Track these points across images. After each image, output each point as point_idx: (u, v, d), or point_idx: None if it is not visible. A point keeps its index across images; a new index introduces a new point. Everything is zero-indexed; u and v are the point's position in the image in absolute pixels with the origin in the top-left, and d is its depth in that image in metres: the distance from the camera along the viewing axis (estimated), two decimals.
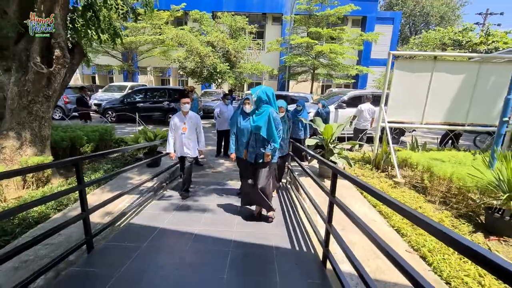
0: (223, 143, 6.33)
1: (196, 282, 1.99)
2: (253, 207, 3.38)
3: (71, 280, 1.99)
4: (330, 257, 2.16)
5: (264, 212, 3.32)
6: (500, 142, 3.96)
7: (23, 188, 3.79)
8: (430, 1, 32.09)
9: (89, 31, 5.69)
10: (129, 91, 13.16)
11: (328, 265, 2.26)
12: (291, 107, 6.18)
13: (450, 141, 7.28)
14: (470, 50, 18.48)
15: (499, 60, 5.47)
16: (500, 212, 3.12)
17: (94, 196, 3.60)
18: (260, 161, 3.03)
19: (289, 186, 4.78)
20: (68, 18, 4.96)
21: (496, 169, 3.13)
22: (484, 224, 3.29)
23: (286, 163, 4.77)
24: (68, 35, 4.89)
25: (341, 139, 6.89)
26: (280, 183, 4.64)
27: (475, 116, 5.42)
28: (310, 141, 4.93)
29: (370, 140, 7.11)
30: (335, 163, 4.97)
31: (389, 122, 5.49)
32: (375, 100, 7.84)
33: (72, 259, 2.27)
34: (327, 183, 4.68)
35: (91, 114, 7.53)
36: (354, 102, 8.32)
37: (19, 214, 2.84)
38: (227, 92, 11.56)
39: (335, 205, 2.09)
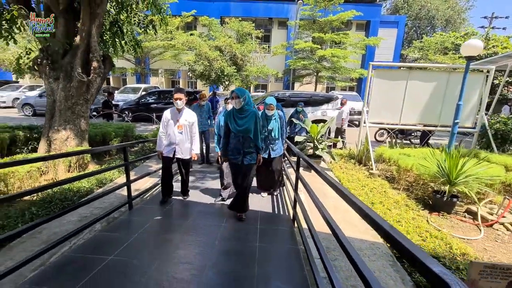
0: None
1: (205, 226, 2.93)
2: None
3: (120, 224, 2.96)
4: (296, 216, 3.06)
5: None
6: (454, 140, 4.76)
7: (68, 172, 4.83)
8: (436, 5, 32.42)
9: (115, 42, 6.76)
10: (143, 92, 14.31)
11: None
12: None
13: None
14: None
15: None
16: (442, 194, 3.96)
17: (124, 179, 4.59)
18: (250, 162, 3.03)
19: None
20: None
21: (438, 161, 3.98)
22: (431, 204, 4.14)
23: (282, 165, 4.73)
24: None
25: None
26: (278, 189, 4.26)
27: (447, 118, 6.20)
28: (299, 138, 5.83)
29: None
30: (320, 156, 5.88)
31: (370, 123, 6.35)
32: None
33: (116, 216, 3.25)
34: (313, 173, 5.55)
35: (113, 114, 8.63)
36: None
37: (74, 187, 3.87)
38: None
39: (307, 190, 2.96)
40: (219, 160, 3.56)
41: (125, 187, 3.31)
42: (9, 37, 4.98)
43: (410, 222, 3.42)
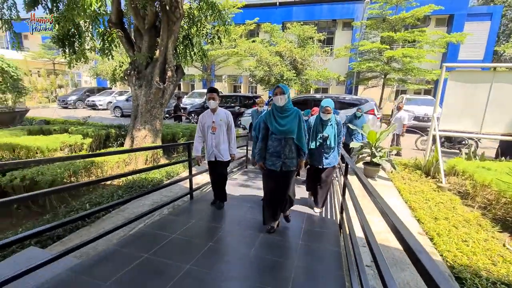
0: None
1: (252, 220, 3.16)
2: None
3: (183, 210, 3.44)
4: (342, 222, 3.04)
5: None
6: None
7: (145, 164, 5.72)
8: None
9: (186, 53, 7.67)
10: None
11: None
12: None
13: None
14: None
15: None
16: None
17: (187, 173, 5.22)
18: (290, 169, 2.68)
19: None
20: None
21: None
22: None
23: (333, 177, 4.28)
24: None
25: None
26: (323, 206, 3.69)
27: None
28: (355, 144, 5.61)
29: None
30: (379, 165, 5.56)
31: (441, 130, 5.69)
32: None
33: (180, 203, 3.75)
34: (370, 181, 5.27)
35: (182, 117, 9.77)
36: None
37: (149, 178, 4.60)
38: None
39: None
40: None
41: (188, 180, 3.80)
42: (109, 53, 6.20)
43: (479, 243, 3.01)
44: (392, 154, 7.40)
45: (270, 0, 22.86)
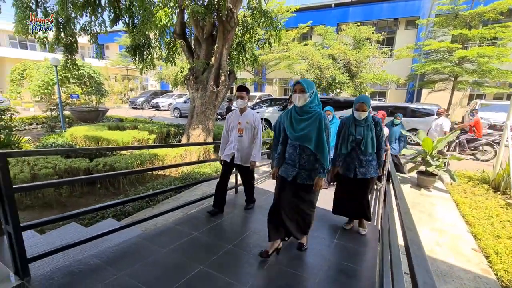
0: None
1: None
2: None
3: (227, 201, 3.65)
4: (380, 226, 2.98)
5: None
6: None
7: (198, 158, 6.33)
8: None
9: (239, 59, 8.18)
10: (258, 100, 16.18)
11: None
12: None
13: None
14: None
15: None
16: None
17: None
18: (306, 182, 2.20)
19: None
20: None
21: None
22: None
23: (376, 186, 4.26)
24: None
25: None
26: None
27: None
28: (407, 151, 5.29)
29: None
30: (435, 175, 5.15)
31: None
32: None
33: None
34: (423, 192, 4.95)
35: None
36: None
37: (200, 171, 5.13)
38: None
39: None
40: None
41: (234, 175, 4.15)
42: (172, 60, 7.03)
43: None
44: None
45: (325, 2, 22.43)
